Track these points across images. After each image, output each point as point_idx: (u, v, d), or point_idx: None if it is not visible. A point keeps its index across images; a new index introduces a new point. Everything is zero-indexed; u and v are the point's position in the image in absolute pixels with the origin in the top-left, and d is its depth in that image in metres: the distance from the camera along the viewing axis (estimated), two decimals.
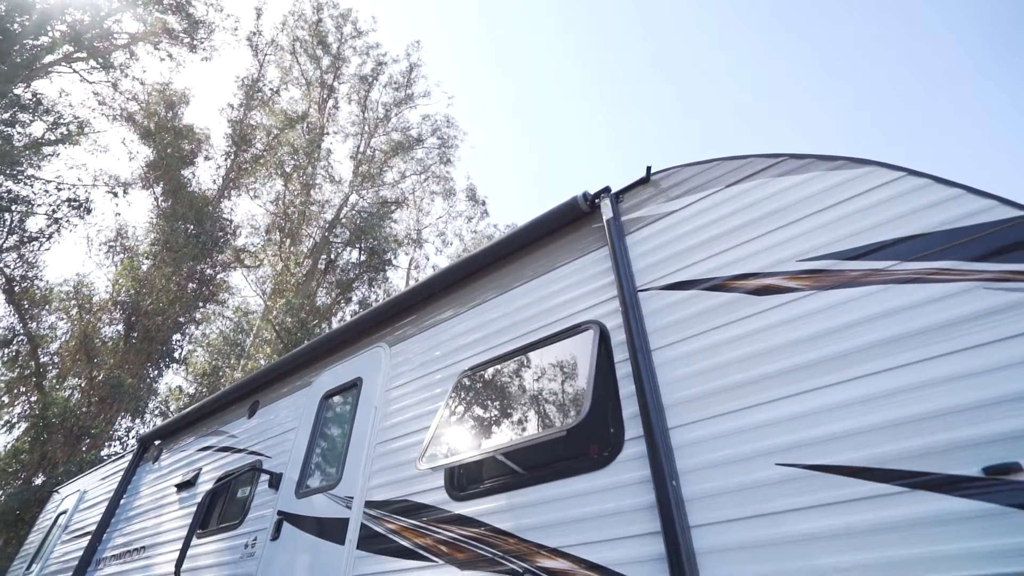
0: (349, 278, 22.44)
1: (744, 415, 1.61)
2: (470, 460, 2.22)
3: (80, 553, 4.49)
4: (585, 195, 2.56)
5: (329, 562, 2.48)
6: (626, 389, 1.92)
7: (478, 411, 2.41)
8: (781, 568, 1.34)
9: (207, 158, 20.62)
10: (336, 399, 3.34)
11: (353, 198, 24.80)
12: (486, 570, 1.89)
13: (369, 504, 2.53)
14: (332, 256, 22.89)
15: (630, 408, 1.86)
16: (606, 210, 2.45)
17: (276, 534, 2.91)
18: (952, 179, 1.62)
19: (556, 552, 1.76)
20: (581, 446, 1.94)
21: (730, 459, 1.56)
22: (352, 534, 2.48)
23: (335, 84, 25.70)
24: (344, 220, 23.33)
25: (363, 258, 22.81)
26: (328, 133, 26.18)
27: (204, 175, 22.87)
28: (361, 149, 26.11)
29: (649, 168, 2.46)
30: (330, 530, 2.61)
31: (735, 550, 1.43)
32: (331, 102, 25.54)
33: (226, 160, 21.98)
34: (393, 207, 25.58)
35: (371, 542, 2.38)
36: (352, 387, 3.25)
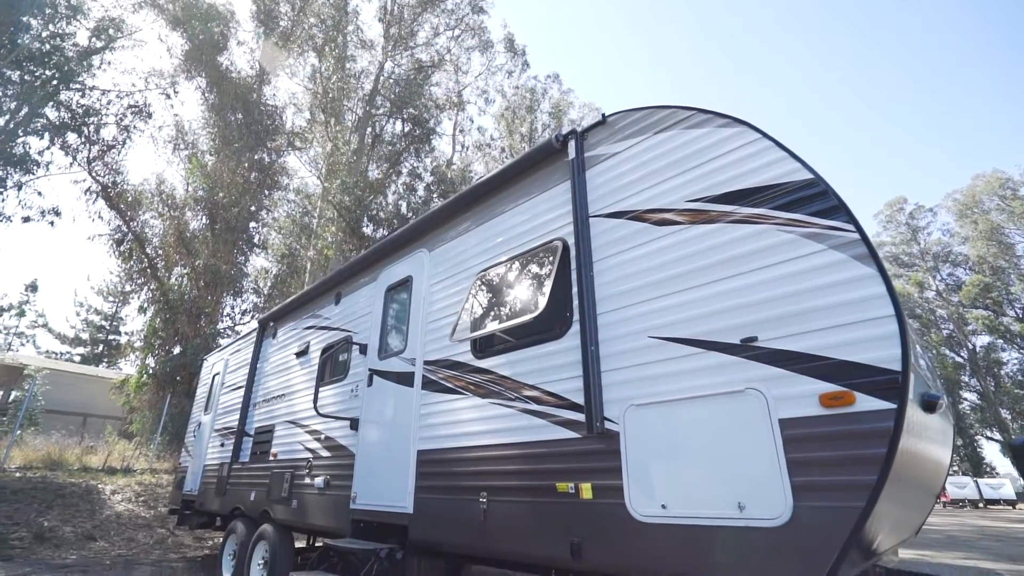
0: (396, 150, 23.07)
1: (638, 306, 2.59)
2: (484, 334, 3.37)
3: (240, 399, 6.44)
4: (557, 136, 3.30)
5: (405, 398, 3.87)
6: (575, 288, 2.91)
7: (488, 300, 3.51)
8: (641, 392, 2.43)
9: (239, 43, 20.64)
10: (395, 292, 4.55)
11: (389, 65, 24.32)
12: (495, 398, 3.14)
13: (426, 363, 3.82)
14: (377, 130, 23.34)
15: (576, 301, 2.87)
16: (571, 150, 3.21)
17: (370, 383, 4.34)
18: (783, 143, 2.32)
19: (533, 387, 2.94)
20: (548, 324, 3.01)
21: (627, 333, 2.59)
22: (417, 381, 3.82)
23: None
24: (382, 90, 23.23)
25: (407, 128, 23.14)
26: None
27: (240, 61, 22.93)
28: (388, 8, 24.88)
29: (604, 114, 3.14)
30: (403, 379, 3.98)
31: (622, 383, 2.52)
32: None
33: (257, 42, 21.86)
34: (430, 69, 24.95)
35: (429, 385, 3.70)
36: (406, 282, 4.43)
